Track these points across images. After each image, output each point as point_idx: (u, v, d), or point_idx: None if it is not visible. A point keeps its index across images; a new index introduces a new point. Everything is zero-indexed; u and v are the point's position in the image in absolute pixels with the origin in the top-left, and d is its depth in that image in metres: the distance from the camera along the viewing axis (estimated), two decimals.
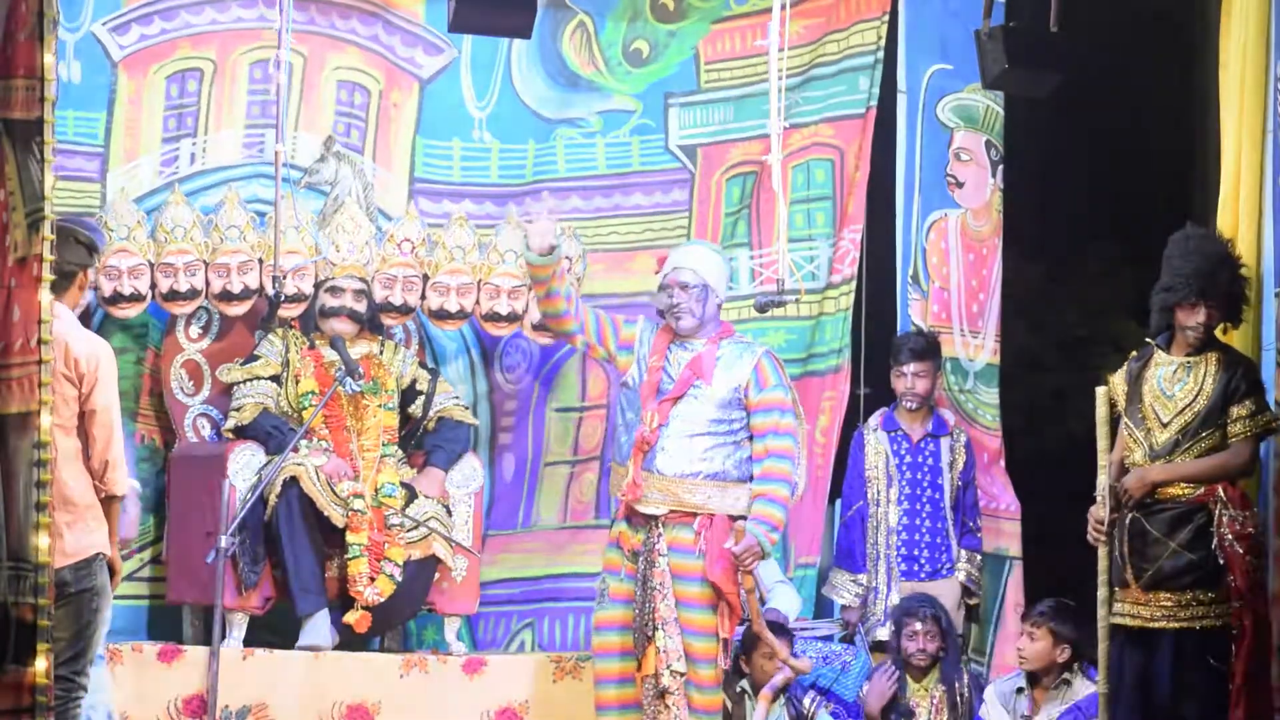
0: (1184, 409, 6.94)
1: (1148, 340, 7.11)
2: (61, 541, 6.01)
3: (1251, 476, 7.04)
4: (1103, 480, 7.07)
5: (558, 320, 7.51)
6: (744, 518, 7.27)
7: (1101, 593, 7.11)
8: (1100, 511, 7.06)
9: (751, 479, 7.34)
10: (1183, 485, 6.93)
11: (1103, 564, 7.06)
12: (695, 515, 7.27)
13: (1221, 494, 6.87)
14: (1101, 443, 7.08)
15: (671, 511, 7.27)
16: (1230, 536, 6.84)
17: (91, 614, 6.16)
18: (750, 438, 7.37)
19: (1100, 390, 7.10)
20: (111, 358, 6.29)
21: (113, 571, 6.30)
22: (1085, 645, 7.53)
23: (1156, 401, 7.00)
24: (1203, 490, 6.90)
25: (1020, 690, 7.92)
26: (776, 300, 7.87)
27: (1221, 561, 6.83)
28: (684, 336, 7.41)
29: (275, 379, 7.99)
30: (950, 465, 8.49)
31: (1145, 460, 6.99)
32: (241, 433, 7.91)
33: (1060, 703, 7.70)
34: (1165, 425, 6.97)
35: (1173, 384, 6.99)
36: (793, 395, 7.46)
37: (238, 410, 7.92)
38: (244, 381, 7.97)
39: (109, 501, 6.26)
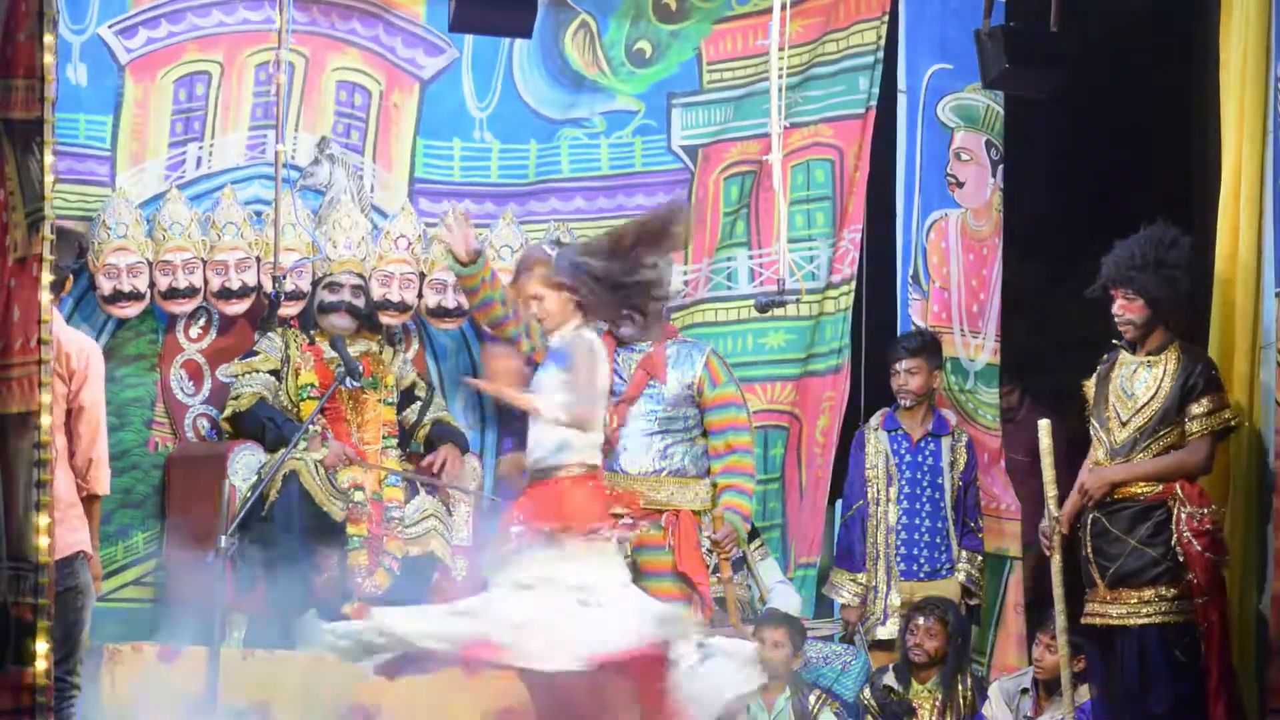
0: (1143, 407, 6.98)
1: (1115, 342, 7.13)
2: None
3: (1209, 474, 7.07)
4: (1053, 509, 7.10)
5: (499, 327, 7.69)
6: (701, 512, 7.50)
7: (1060, 621, 7.17)
8: (1052, 517, 7.10)
9: (708, 473, 7.58)
10: (1141, 483, 6.95)
11: (1058, 590, 7.13)
12: (661, 512, 7.39)
13: (1179, 491, 6.90)
14: (1047, 473, 7.11)
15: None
16: (1189, 534, 6.86)
17: (76, 612, 6.16)
18: (704, 434, 7.61)
19: (1043, 423, 7.17)
20: (100, 356, 6.30)
21: (92, 575, 6.29)
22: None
23: (1118, 400, 7.03)
24: (1161, 488, 6.93)
25: (1025, 690, 7.94)
26: (776, 300, 7.90)
27: (1181, 559, 6.85)
28: (625, 342, 7.55)
29: (274, 373, 8.01)
30: (951, 465, 8.49)
31: (1106, 459, 7.02)
32: (238, 420, 7.93)
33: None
34: (1125, 424, 7.00)
35: (1133, 383, 7.01)
36: (741, 390, 7.72)
37: (235, 399, 7.95)
38: (243, 374, 7.99)
39: (90, 501, 6.25)
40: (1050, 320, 8.87)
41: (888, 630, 8.31)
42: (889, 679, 8.08)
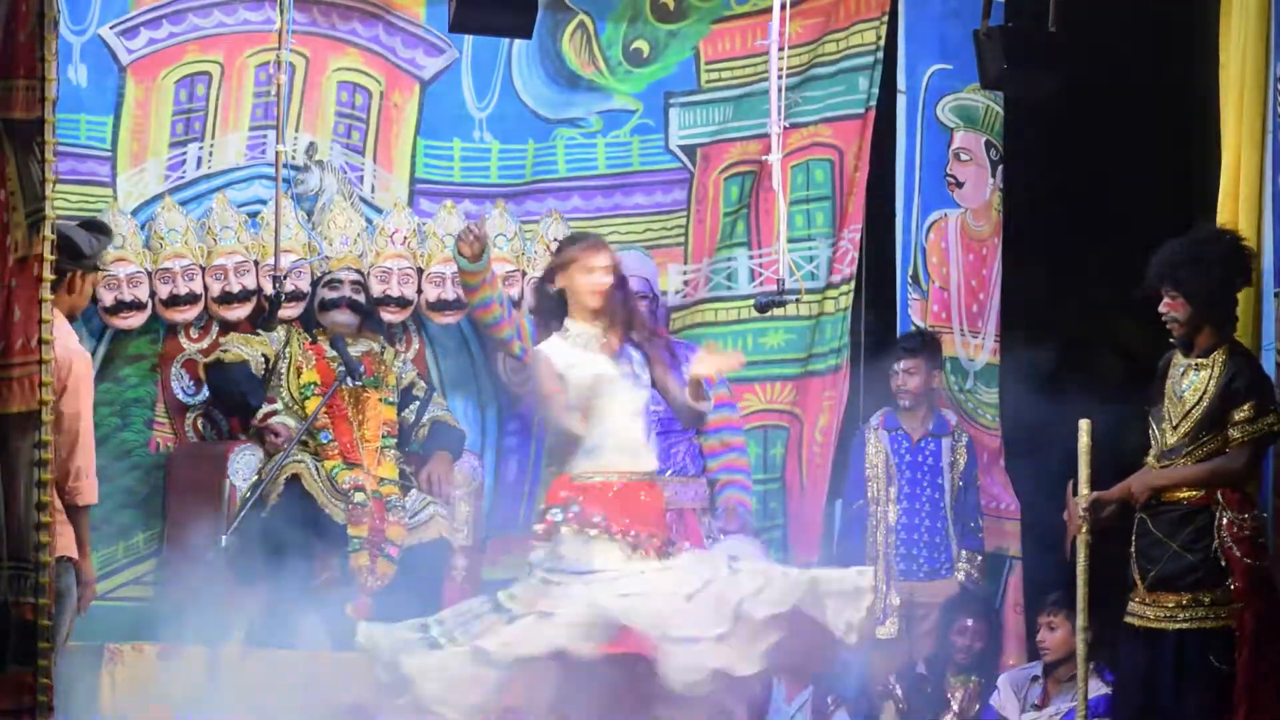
0: (1189, 411, 6.93)
1: (1170, 340, 7.09)
2: None
3: (1250, 480, 7.02)
4: (1082, 506, 7.07)
5: (493, 328, 7.82)
6: (701, 510, 7.65)
7: (1080, 620, 7.15)
8: (1079, 515, 7.08)
9: (704, 471, 7.74)
10: (1185, 488, 6.92)
11: (1081, 589, 7.10)
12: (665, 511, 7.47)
13: (1220, 497, 6.86)
14: (1083, 471, 7.09)
15: None
16: (1229, 539, 6.83)
17: (55, 616, 6.09)
18: (698, 433, 7.75)
19: (1083, 422, 7.12)
20: (87, 366, 6.19)
21: (83, 581, 6.23)
22: (1097, 642, 7.58)
23: (1170, 403, 6.98)
24: (1203, 493, 6.88)
25: (1035, 679, 8.04)
26: (776, 300, 7.91)
27: (1222, 564, 6.83)
28: None
29: (266, 359, 8.01)
30: (951, 465, 8.50)
31: (1155, 462, 7.00)
32: (218, 371, 7.90)
33: (1071, 697, 7.72)
34: (1175, 428, 6.96)
35: (1182, 385, 6.97)
36: (732, 391, 7.92)
37: (223, 351, 7.96)
38: (237, 341, 8.01)
39: (75, 511, 6.16)
40: (1050, 320, 8.88)
41: (887, 630, 8.33)
42: (921, 668, 8.19)
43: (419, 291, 8.34)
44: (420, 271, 8.34)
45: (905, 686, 8.21)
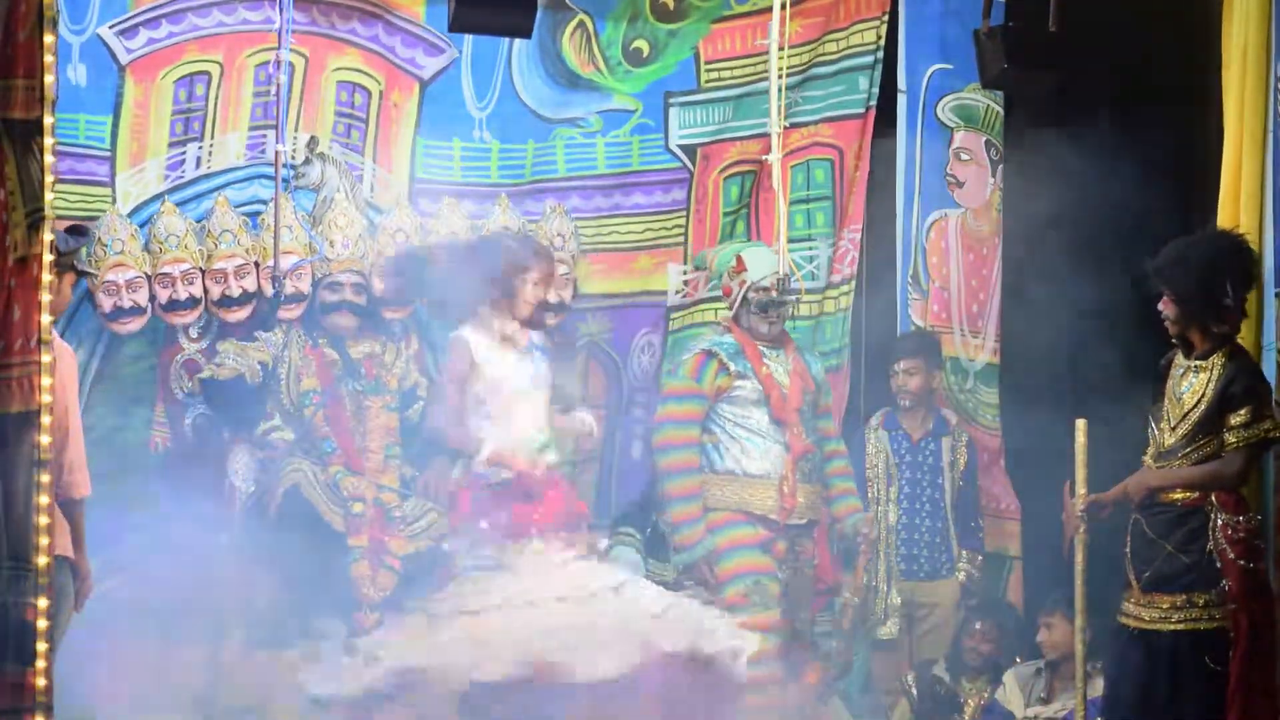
0: (1188, 413, 6.92)
1: (1173, 341, 7.09)
2: None
3: (1246, 485, 7.01)
4: (1079, 506, 7.06)
5: None
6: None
7: (1079, 621, 7.17)
8: (1076, 515, 7.08)
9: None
10: (1179, 490, 6.92)
11: (1079, 589, 7.11)
12: (813, 523, 7.86)
13: (1214, 499, 6.86)
14: (1079, 472, 7.09)
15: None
16: (1223, 541, 6.83)
17: (51, 616, 6.09)
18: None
19: (1079, 422, 7.12)
20: (71, 361, 6.22)
21: (79, 577, 6.22)
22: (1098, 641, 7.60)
23: (1170, 403, 6.98)
24: (1197, 495, 6.89)
25: (1039, 671, 8.07)
26: (776, 300, 7.92)
27: (1217, 566, 6.83)
28: (766, 343, 7.86)
29: (263, 365, 8.00)
30: (951, 465, 8.51)
31: (1152, 462, 7.00)
32: (213, 387, 7.89)
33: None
34: (1174, 429, 6.96)
35: (1181, 386, 6.97)
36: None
37: (218, 365, 7.94)
38: (234, 351, 7.99)
39: (71, 505, 6.17)
40: (1050, 320, 8.88)
41: (888, 630, 8.34)
42: (939, 669, 8.19)
43: None
44: None
45: (921, 687, 8.22)
